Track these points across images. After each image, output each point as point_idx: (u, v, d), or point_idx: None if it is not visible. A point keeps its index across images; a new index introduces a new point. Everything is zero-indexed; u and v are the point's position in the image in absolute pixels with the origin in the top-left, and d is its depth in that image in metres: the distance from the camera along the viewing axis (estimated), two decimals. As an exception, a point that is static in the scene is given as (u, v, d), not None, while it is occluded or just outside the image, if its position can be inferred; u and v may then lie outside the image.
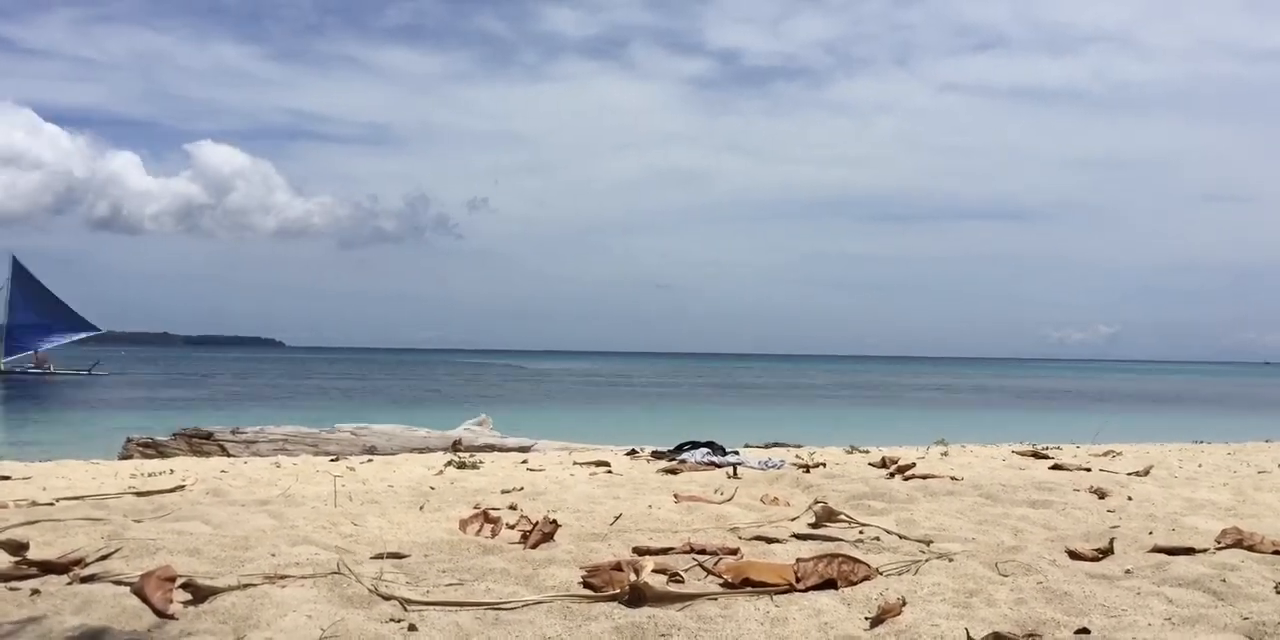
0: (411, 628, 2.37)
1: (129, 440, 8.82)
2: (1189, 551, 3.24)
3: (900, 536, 3.52)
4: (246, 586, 2.63)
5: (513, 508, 4.11)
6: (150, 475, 5.33)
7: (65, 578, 2.75)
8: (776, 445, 8.75)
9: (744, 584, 2.75)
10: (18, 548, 2.99)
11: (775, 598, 2.67)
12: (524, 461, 6.46)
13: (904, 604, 2.58)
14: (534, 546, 3.29)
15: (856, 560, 2.93)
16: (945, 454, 6.79)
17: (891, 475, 5.21)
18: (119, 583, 2.67)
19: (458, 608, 2.54)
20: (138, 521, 3.62)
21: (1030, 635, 2.40)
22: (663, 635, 2.38)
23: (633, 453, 7.07)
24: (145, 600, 2.48)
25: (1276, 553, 3.25)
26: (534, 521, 3.56)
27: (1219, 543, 3.37)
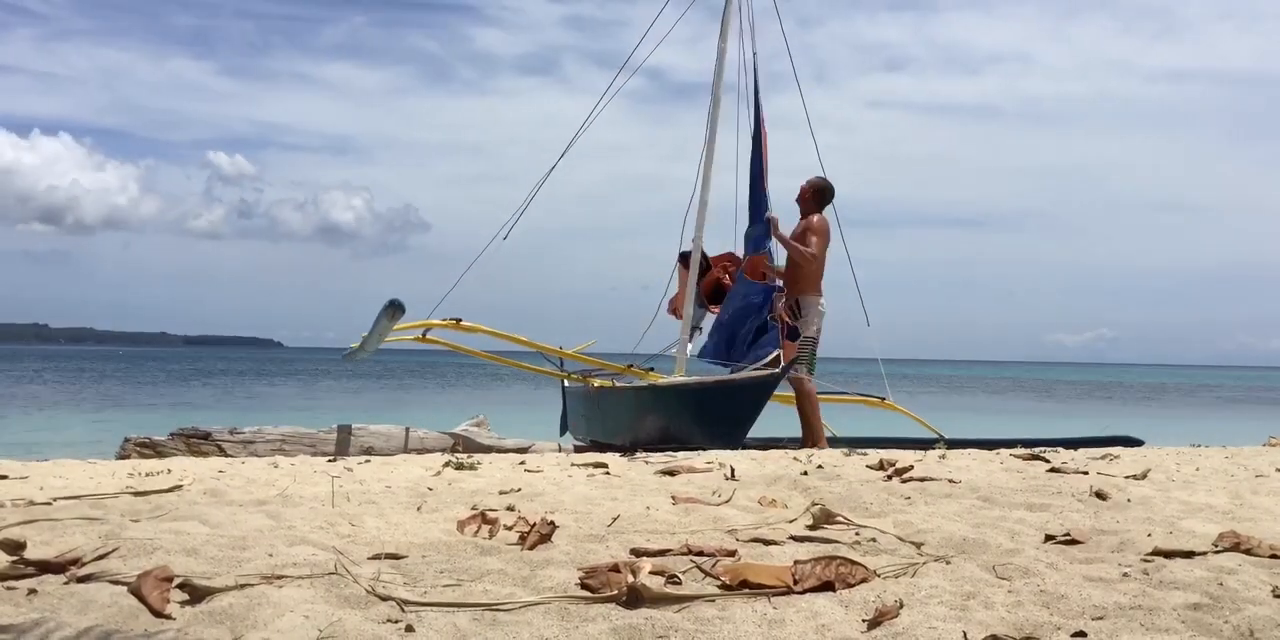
0: (409, 628, 2.37)
1: (126, 440, 8.83)
2: (1186, 555, 3.24)
3: (898, 539, 3.52)
4: (244, 586, 2.63)
5: (510, 509, 4.10)
6: (148, 475, 5.32)
7: (62, 577, 2.75)
8: (774, 447, 8.73)
9: (741, 586, 2.75)
10: (15, 547, 2.99)
11: (773, 599, 2.67)
12: (521, 462, 6.46)
13: (901, 606, 2.59)
14: (531, 547, 3.28)
15: (854, 562, 2.93)
16: (943, 457, 6.78)
17: (889, 477, 5.20)
18: (116, 582, 2.67)
19: (455, 608, 2.54)
20: (135, 521, 3.62)
21: (1027, 638, 2.40)
22: (660, 636, 2.38)
23: (630, 454, 7.06)
24: (142, 600, 2.48)
25: (1274, 556, 3.25)
26: (531, 522, 3.56)
27: (1216, 546, 3.37)
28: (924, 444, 8.65)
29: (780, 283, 9.13)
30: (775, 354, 9.08)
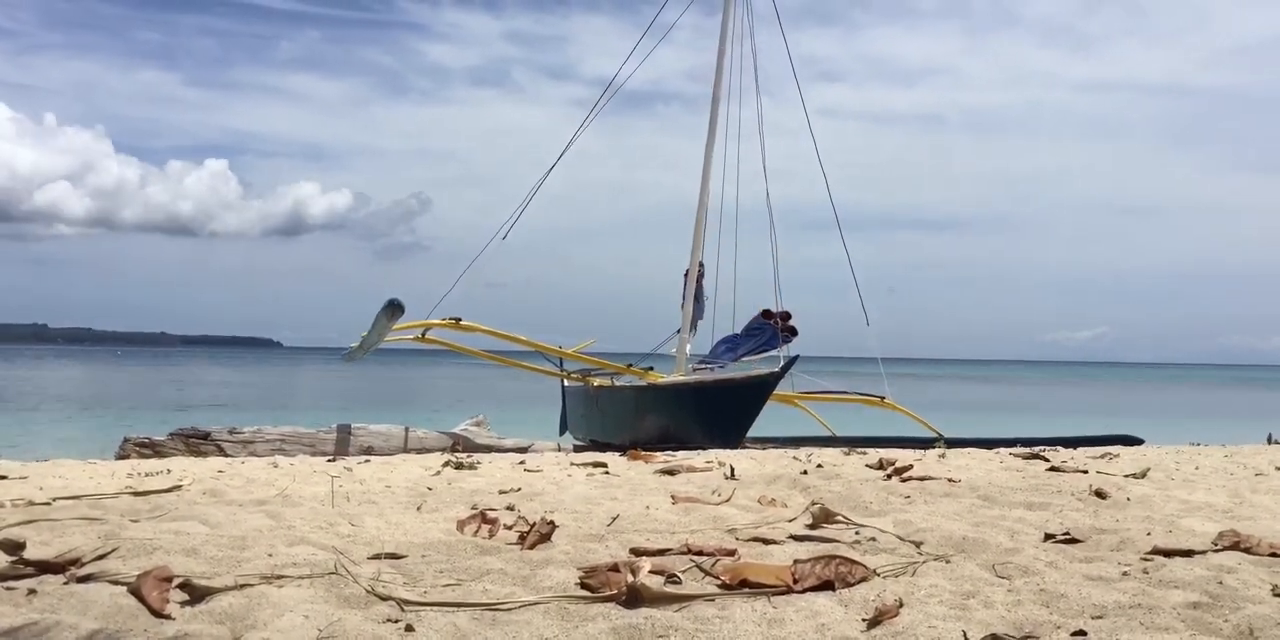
0: (409, 628, 2.37)
1: (126, 440, 8.81)
2: (1186, 554, 3.24)
3: (898, 538, 3.52)
4: (243, 586, 2.62)
5: (510, 508, 4.11)
6: (147, 475, 5.32)
7: (62, 577, 2.75)
8: (773, 446, 8.74)
9: (741, 585, 2.75)
10: (15, 547, 2.99)
11: (772, 599, 2.67)
12: (521, 462, 6.46)
13: (901, 605, 2.59)
14: (531, 547, 3.28)
15: (854, 562, 2.93)
16: (943, 456, 6.78)
17: (889, 476, 5.20)
18: (116, 582, 2.67)
19: (455, 608, 2.54)
20: (135, 521, 3.62)
21: (1027, 637, 2.40)
22: (660, 636, 2.38)
23: (631, 454, 7.06)
24: (142, 600, 2.48)
25: (1273, 555, 3.25)
26: (531, 522, 3.56)
27: (1216, 545, 3.37)
28: (924, 443, 8.68)
29: None
30: (770, 353, 9.20)
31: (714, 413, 8.67)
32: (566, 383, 11.03)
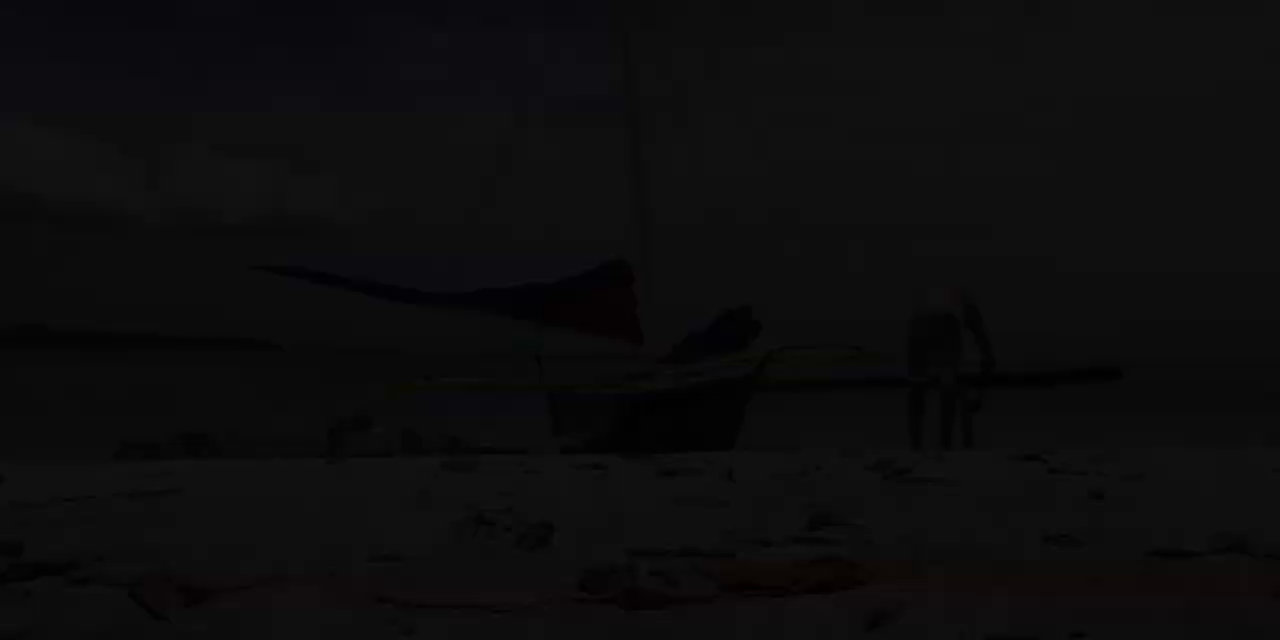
0: (408, 630, 2.36)
1: (125, 442, 8.82)
2: (1185, 555, 3.24)
3: (897, 539, 3.52)
4: (242, 588, 2.62)
5: (509, 509, 4.11)
6: (146, 477, 5.32)
7: (60, 579, 2.75)
8: (774, 448, 8.76)
9: (740, 586, 2.75)
10: (13, 549, 2.99)
11: (771, 600, 2.67)
12: (521, 463, 6.47)
13: (900, 607, 2.58)
14: (530, 549, 3.28)
15: (853, 563, 2.93)
16: (942, 457, 6.79)
17: (889, 477, 5.21)
18: (114, 584, 2.67)
19: (454, 609, 2.54)
20: (134, 523, 3.62)
21: (1027, 638, 2.40)
22: (658, 637, 2.38)
23: (629, 455, 7.07)
24: (141, 602, 2.48)
25: (1273, 556, 3.25)
26: (530, 523, 3.56)
27: (1215, 546, 3.37)
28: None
29: None
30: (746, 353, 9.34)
31: (703, 414, 8.78)
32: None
